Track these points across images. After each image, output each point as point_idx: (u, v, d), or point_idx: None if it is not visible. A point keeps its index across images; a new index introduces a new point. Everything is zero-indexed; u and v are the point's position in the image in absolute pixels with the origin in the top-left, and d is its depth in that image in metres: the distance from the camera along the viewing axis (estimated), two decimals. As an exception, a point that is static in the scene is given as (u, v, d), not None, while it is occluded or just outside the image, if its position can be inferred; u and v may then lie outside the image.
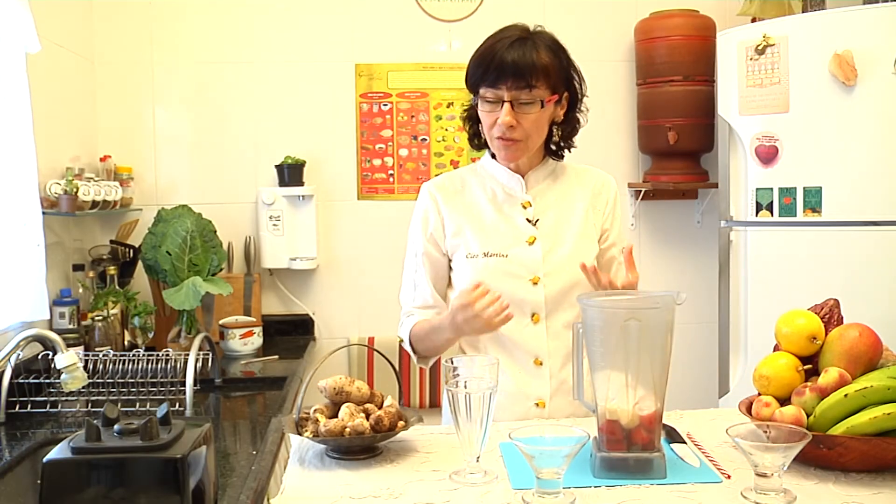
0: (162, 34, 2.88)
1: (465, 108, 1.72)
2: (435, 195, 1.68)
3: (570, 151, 1.73)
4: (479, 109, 1.59)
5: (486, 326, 1.46)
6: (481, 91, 1.57)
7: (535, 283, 1.60)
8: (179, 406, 1.91)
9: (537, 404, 1.60)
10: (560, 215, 1.66)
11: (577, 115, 1.67)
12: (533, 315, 1.60)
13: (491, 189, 1.68)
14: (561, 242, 1.63)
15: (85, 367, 1.77)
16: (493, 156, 1.70)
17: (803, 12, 2.65)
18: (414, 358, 1.69)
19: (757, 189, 2.53)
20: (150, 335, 2.56)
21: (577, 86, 1.64)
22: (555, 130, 1.67)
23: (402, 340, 1.70)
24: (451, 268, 1.68)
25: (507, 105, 1.54)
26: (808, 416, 1.22)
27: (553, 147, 1.70)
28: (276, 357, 2.62)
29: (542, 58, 1.54)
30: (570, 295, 1.60)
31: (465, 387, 1.21)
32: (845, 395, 1.19)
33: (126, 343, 2.50)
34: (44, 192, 2.25)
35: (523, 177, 1.67)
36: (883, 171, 2.34)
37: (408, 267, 1.73)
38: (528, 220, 1.64)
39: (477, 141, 1.72)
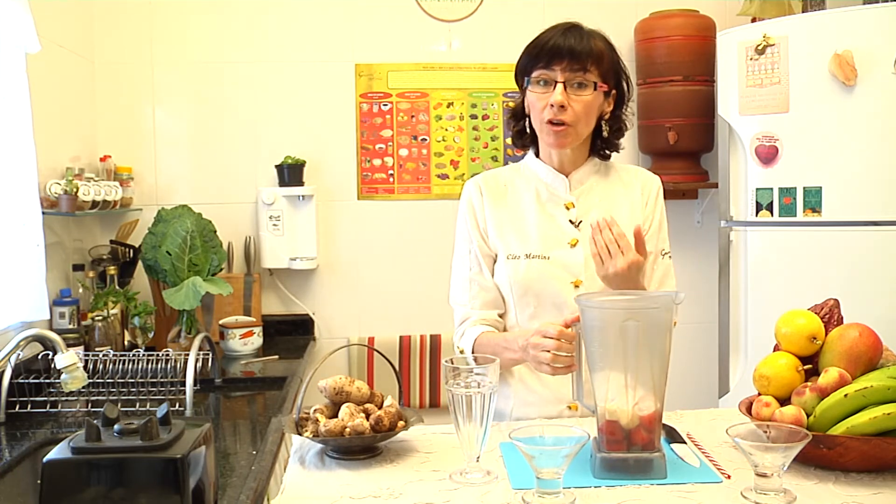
0: (162, 34, 2.88)
1: (511, 107, 1.71)
2: (482, 190, 1.65)
3: (618, 152, 1.70)
4: (530, 93, 1.57)
5: (542, 367, 1.40)
6: (534, 74, 1.55)
7: (577, 287, 1.57)
8: (179, 406, 1.91)
9: (570, 407, 1.60)
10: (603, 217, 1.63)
11: (623, 115, 1.66)
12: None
13: (535, 189, 1.65)
14: None
15: (85, 367, 1.77)
16: (537, 154, 1.68)
17: (803, 12, 2.65)
18: None
19: (757, 189, 2.53)
20: (150, 335, 2.56)
21: (626, 85, 1.64)
22: (603, 126, 1.64)
23: (462, 351, 1.63)
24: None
25: (559, 85, 1.53)
26: (808, 416, 1.22)
27: (599, 145, 1.67)
28: (276, 357, 2.62)
29: (596, 44, 1.56)
30: None
31: (466, 387, 1.21)
32: (845, 395, 1.19)
33: (126, 343, 2.50)
34: (44, 192, 2.25)
35: (567, 177, 1.64)
36: (883, 171, 2.34)
37: (459, 266, 1.67)
38: (570, 221, 1.62)
39: (520, 140, 1.70)
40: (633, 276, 1.44)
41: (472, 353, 1.59)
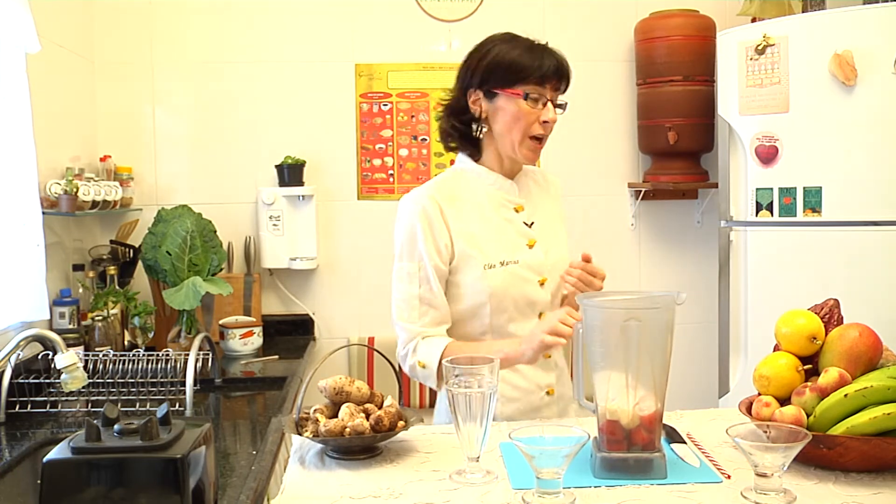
0: (162, 34, 2.88)
1: (448, 102, 1.67)
2: (440, 204, 1.59)
3: None
4: (519, 107, 1.57)
5: (544, 338, 1.44)
6: (526, 88, 1.56)
7: (542, 284, 1.64)
8: (179, 406, 1.91)
9: (548, 392, 1.67)
10: (545, 216, 1.70)
11: None
12: (540, 314, 1.64)
13: (485, 195, 1.65)
14: (554, 242, 1.69)
15: (85, 367, 1.78)
16: (475, 159, 1.67)
17: (803, 12, 2.65)
18: (432, 382, 1.58)
19: (757, 189, 2.53)
20: (150, 335, 2.56)
21: None
22: None
23: (423, 365, 1.56)
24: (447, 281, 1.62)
25: (550, 104, 1.58)
26: (808, 416, 1.22)
27: None
28: (276, 357, 2.62)
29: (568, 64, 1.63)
30: (561, 290, 1.68)
31: (465, 387, 1.21)
32: (845, 395, 1.19)
33: (126, 343, 2.50)
34: (44, 192, 2.25)
35: (513, 181, 1.68)
36: (883, 171, 2.34)
37: (405, 285, 1.60)
38: (525, 223, 1.66)
39: (463, 142, 1.67)
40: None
41: (440, 364, 1.53)
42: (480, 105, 1.61)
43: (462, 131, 1.66)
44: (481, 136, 1.64)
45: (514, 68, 1.56)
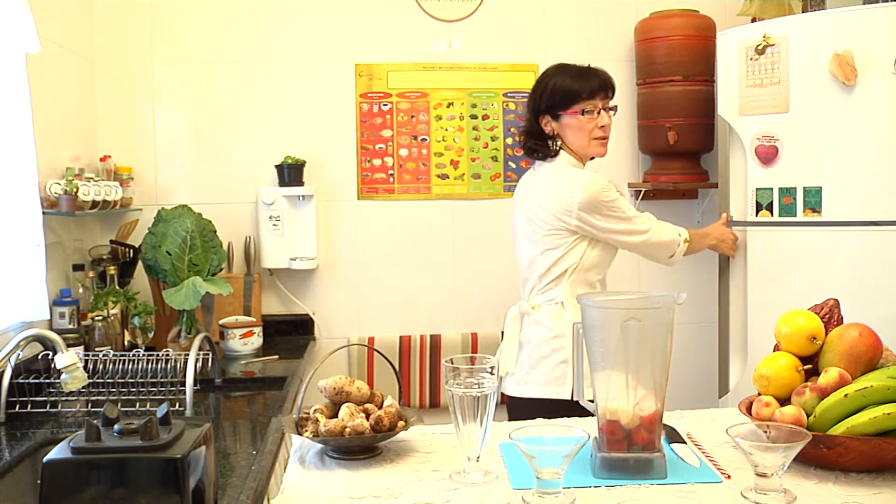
0: (162, 34, 2.88)
1: (524, 129, 2.20)
2: None
3: None
4: (580, 119, 2.10)
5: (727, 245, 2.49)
6: (583, 105, 2.10)
7: None
8: (179, 406, 1.91)
9: None
10: None
11: None
12: None
13: None
14: None
15: (85, 367, 1.77)
16: (545, 158, 2.18)
17: (803, 12, 2.65)
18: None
19: (757, 189, 2.53)
20: (150, 335, 2.56)
21: None
22: None
23: (687, 240, 2.26)
24: None
25: (602, 111, 2.13)
26: (808, 416, 1.22)
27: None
28: (276, 357, 2.62)
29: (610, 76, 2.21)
30: None
31: (466, 387, 1.21)
32: (845, 395, 1.19)
33: (126, 343, 2.50)
34: (44, 192, 2.25)
35: None
36: (883, 171, 2.34)
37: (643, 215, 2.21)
38: None
39: (542, 152, 2.16)
40: None
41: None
42: (550, 125, 2.12)
43: (540, 146, 2.16)
44: (558, 147, 2.15)
45: (570, 93, 2.08)
